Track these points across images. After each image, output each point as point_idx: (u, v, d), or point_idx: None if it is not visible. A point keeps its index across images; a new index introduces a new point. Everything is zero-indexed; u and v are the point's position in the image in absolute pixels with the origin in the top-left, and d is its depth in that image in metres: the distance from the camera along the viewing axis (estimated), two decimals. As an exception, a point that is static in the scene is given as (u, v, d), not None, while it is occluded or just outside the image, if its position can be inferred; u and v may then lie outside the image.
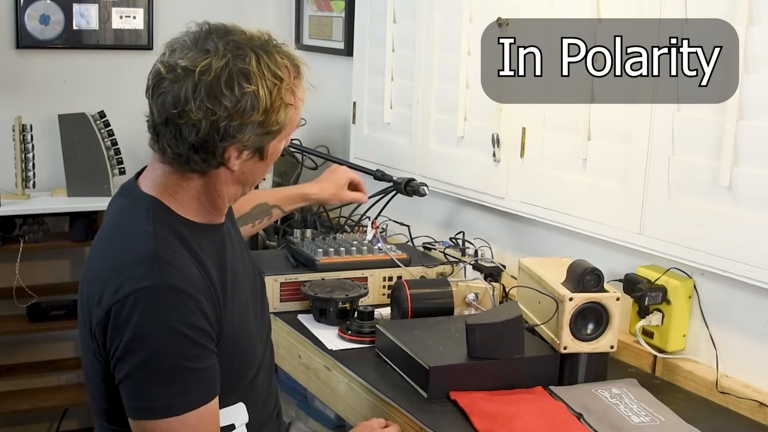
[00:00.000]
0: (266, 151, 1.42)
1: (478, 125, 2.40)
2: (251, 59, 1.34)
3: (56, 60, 3.20)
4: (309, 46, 3.31)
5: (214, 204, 1.46)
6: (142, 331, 1.30)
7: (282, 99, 1.37)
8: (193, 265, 1.38)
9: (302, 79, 1.43)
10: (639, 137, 1.91)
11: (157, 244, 1.35)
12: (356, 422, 1.80)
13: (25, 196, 3.04)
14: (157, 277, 1.32)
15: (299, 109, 1.44)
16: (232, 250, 1.52)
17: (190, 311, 1.32)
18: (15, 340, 3.27)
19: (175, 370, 1.31)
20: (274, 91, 1.36)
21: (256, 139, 1.38)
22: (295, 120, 1.44)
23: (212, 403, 1.36)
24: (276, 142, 1.43)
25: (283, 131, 1.42)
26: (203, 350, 1.34)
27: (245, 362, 1.49)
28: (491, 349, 1.72)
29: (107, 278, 1.35)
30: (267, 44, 1.39)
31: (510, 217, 2.36)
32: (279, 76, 1.37)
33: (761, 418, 1.68)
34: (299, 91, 1.42)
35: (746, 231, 1.70)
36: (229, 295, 1.44)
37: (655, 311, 1.88)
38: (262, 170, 1.47)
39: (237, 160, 1.40)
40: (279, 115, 1.38)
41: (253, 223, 2.08)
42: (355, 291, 2.10)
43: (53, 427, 3.38)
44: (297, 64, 1.42)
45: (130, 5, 3.23)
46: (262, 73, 1.35)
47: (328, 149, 3.13)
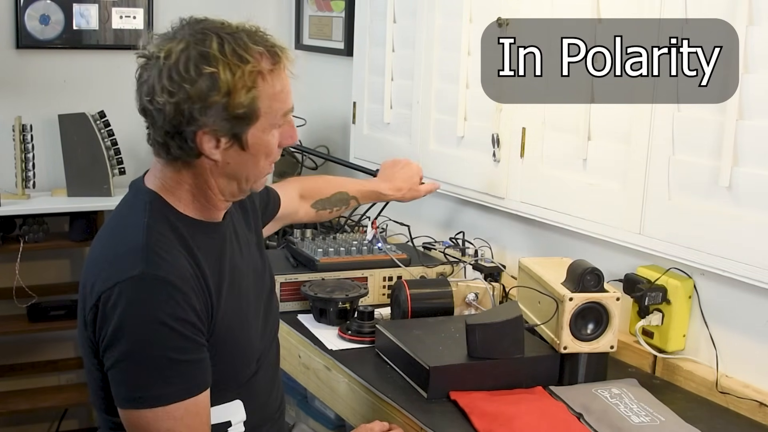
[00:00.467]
0: (245, 141, 1.39)
1: (478, 125, 2.40)
2: (212, 42, 1.34)
3: (56, 60, 3.20)
4: (309, 46, 3.31)
5: (208, 198, 1.45)
6: (127, 321, 1.31)
7: (245, 82, 1.34)
8: (184, 258, 1.38)
9: (281, 67, 1.40)
10: (639, 137, 1.91)
11: (149, 236, 1.37)
12: (356, 422, 1.80)
13: (25, 196, 3.04)
14: (145, 267, 1.33)
15: (279, 98, 1.40)
16: (233, 249, 1.52)
17: (176, 303, 1.33)
18: (15, 340, 3.27)
19: (161, 361, 1.32)
20: (237, 73, 1.33)
21: (225, 125, 1.36)
22: (274, 108, 1.40)
23: (201, 397, 1.36)
24: (258, 132, 1.40)
25: (259, 119, 1.39)
26: (190, 343, 1.34)
27: (241, 360, 1.49)
28: (491, 349, 1.72)
29: (101, 266, 1.37)
30: (241, 31, 1.37)
31: (510, 217, 2.36)
32: (244, 58, 1.34)
33: (761, 418, 1.68)
34: (273, 78, 1.39)
35: (746, 231, 1.70)
36: (224, 293, 1.44)
37: (655, 311, 1.88)
38: (251, 163, 1.43)
39: (216, 150, 1.39)
40: (241, 98, 1.34)
41: (330, 209, 2.10)
42: (355, 291, 2.10)
43: (53, 427, 3.38)
44: (276, 52, 1.39)
45: (130, 5, 3.24)
46: (224, 56, 1.33)
47: (328, 149, 3.13)
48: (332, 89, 3.19)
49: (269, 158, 1.46)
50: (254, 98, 1.37)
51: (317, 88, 3.30)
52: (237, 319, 1.47)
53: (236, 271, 1.50)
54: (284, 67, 1.41)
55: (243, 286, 1.51)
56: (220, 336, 1.42)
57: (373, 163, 2.74)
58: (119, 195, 1.51)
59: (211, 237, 1.47)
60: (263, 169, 1.47)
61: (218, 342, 1.42)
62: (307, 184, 2.10)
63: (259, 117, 1.39)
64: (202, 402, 1.36)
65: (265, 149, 1.43)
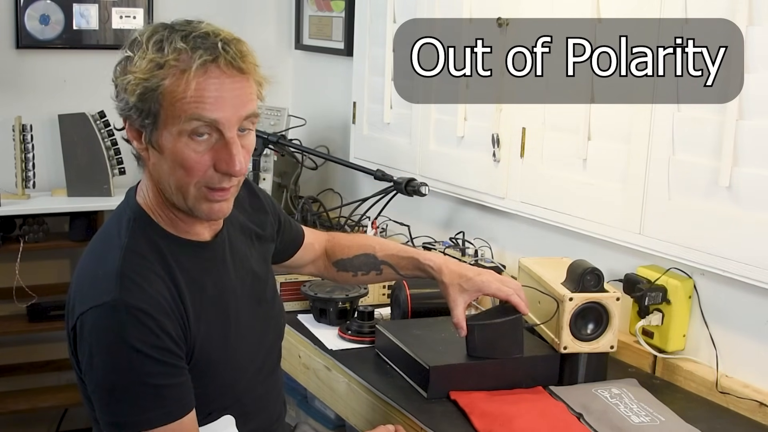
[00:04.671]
0: (156, 140, 1.33)
1: (478, 125, 2.40)
2: (147, 31, 1.34)
3: (56, 60, 3.20)
4: (309, 46, 3.31)
5: (174, 212, 1.40)
6: (100, 349, 1.31)
7: (150, 69, 1.30)
8: (162, 282, 1.35)
9: (208, 73, 1.29)
10: (639, 137, 1.91)
11: (125, 260, 1.34)
12: (356, 422, 1.80)
13: (25, 196, 3.03)
14: (117, 294, 1.31)
15: (185, 100, 1.29)
16: (225, 270, 1.48)
17: (149, 330, 1.30)
18: (15, 340, 3.27)
19: (139, 388, 1.30)
20: (146, 60, 1.30)
21: (133, 114, 1.33)
22: (177, 109, 1.29)
23: (185, 419, 1.34)
24: (168, 135, 1.31)
25: (160, 117, 1.31)
26: (168, 367, 1.32)
27: (228, 380, 1.46)
28: (490, 349, 1.72)
29: (81, 285, 1.37)
30: (193, 31, 1.32)
31: (510, 217, 2.36)
32: (161, 48, 1.31)
33: (761, 418, 1.68)
34: (188, 78, 1.29)
35: (746, 231, 1.70)
36: (205, 316, 1.41)
37: (655, 311, 1.88)
38: (168, 170, 1.34)
39: (141, 145, 1.36)
40: (142, 83, 1.30)
41: (354, 273, 1.83)
42: (355, 291, 2.10)
43: (53, 427, 3.38)
44: (203, 55, 1.29)
45: (130, 5, 3.24)
46: (147, 43, 1.32)
47: (328, 149, 3.13)
48: (332, 89, 3.19)
49: (191, 174, 1.33)
50: (154, 89, 1.30)
51: (317, 88, 3.30)
52: (221, 341, 1.44)
53: (225, 293, 1.46)
54: (205, 73, 1.29)
55: (232, 307, 1.47)
56: (203, 359, 1.40)
57: (373, 163, 2.74)
58: (119, 195, 1.50)
59: (198, 257, 1.44)
60: (187, 185, 1.34)
61: (201, 364, 1.39)
62: (336, 240, 1.87)
63: (159, 115, 1.31)
64: (187, 424, 1.35)
65: (179, 159, 1.32)
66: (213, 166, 1.34)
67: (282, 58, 3.40)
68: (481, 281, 1.71)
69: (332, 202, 3.08)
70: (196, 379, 1.38)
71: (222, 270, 1.48)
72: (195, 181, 1.34)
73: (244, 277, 1.53)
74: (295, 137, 3.10)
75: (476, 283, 1.71)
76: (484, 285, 1.71)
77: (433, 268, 1.74)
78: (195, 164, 1.33)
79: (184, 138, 1.31)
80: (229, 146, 1.33)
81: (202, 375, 1.40)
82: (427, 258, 1.76)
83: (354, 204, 2.82)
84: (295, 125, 3.08)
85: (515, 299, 1.70)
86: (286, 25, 3.44)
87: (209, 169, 1.34)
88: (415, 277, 1.82)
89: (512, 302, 1.70)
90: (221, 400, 1.46)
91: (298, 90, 3.41)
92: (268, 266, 1.63)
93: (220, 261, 1.48)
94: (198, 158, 1.33)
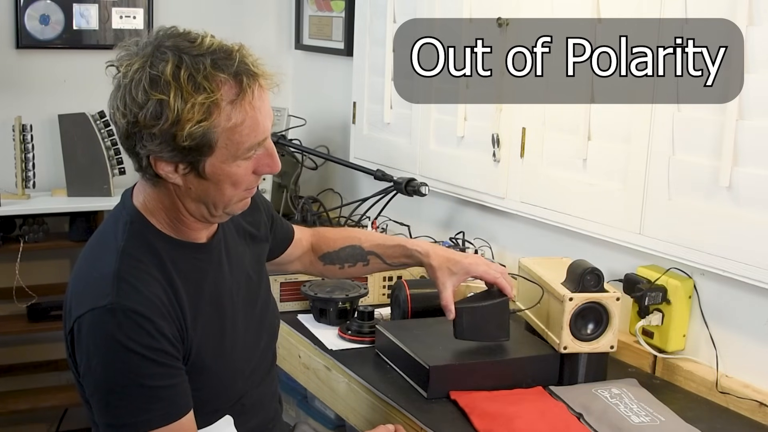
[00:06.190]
0: (203, 170, 1.32)
1: (478, 125, 2.40)
2: (168, 65, 1.26)
3: (56, 60, 3.20)
4: (309, 46, 3.31)
5: (181, 220, 1.41)
6: (98, 352, 1.31)
7: (195, 113, 1.26)
8: (159, 284, 1.36)
9: (247, 97, 1.30)
10: (639, 137, 1.91)
11: (122, 263, 1.35)
12: (356, 422, 1.80)
13: (25, 196, 3.03)
14: (114, 297, 1.31)
15: (239, 131, 1.30)
16: (221, 272, 1.49)
17: (146, 332, 1.31)
18: (15, 340, 3.27)
19: (137, 390, 1.31)
20: (189, 103, 1.25)
21: (176, 154, 1.29)
22: (234, 141, 1.31)
23: (184, 420, 1.35)
24: (217, 162, 1.32)
25: (214, 152, 1.30)
26: (165, 369, 1.33)
27: (226, 381, 1.47)
28: (477, 332, 1.74)
29: (79, 288, 1.37)
30: (211, 53, 1.28)
31: (510, 217, 2.36)
32: (200, 86, 1.26)
33: (761, 418, 1.68)
34: (234, 110, 1.29)
35: (746, 231, 1.70)
36: (202, 318, 1.42)
37: (655, 311, 1.88)
38: (215, 191, 1.36)
39: (175, 175, 1.33)
40: (191, 129, 1.26)
41: (341, 265, 1.85)
42: (355, 291, 2.10)
43: (53, 427, 3.38)
44: (242, 80, 1.29)
45: (130, 5, 3.23)
46: (178, 81, 1.25)
47: (328, 149, 3.13)
48: (332, 89, 3.19)
49: (238, 187, 1.37)
50: (206, 131, 1.28)
51: (317, 88, 3.30)
52: (218, 342, 1.45)
53: (221, 295, 1.47)
54: (253, 97, 1.30)
55: (228, 308, 1.48)
56: (199, 360, 1.40)
57: (373, 163, 2.74)
58: (119, 195, 1.49)
59: (195, 258, 1.44)
60: (232, 197, 1.38)
61: (197, 365, 1.40)
62: (322, 234, 1.89)
63: (213, 150, 1.31)
64: (186, 424, 1.35)
65: (230, 179, 1.35)
66: (253, 171, 1.39)
67: (282, 58, 3.40)
68: (469, 263, 1.76)
69: (332, 202, 3.08)
70: (193, 380, 1.39)
71: (218, 271, 1.48)
72: (241, 191, 1.39)
73: (239, 278, 1.54)
74: (295, 137, 3.10)
75: (464, 265, 1.75)
76: (472, 267, 1.75)
77: (421, 252, 1.78)
78: (243, 178, 1.37)
79: (236, 161, 1.34)
80: (270, 151, 1.38)
81: (199, 376, 1.40)
82: (414, 244, 1.81)
83: (354, 204, 2.82)
84: (295, 125, 3.08)
85: (501, 282, 1.75)
86: (286, 25, 3.44)
87: (251, 175, 1.39)
88: (402, 265, 1.86)
89: (499, 285, 1.75)
90: (218, 401, 1.46)
91: (298, 90, 3.40)
92: (262, 267, 1.64)
93: (216, 262, 1.48)
94: (246, 172, 1.37)
